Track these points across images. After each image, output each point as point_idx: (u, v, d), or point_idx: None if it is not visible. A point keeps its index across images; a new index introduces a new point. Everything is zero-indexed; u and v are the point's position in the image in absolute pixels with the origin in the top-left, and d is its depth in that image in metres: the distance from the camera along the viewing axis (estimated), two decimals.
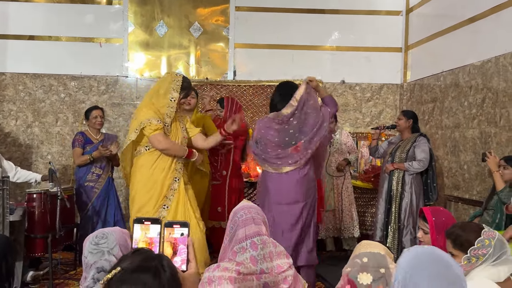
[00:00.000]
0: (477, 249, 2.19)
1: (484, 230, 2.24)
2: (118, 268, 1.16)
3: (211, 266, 2.22)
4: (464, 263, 2.19)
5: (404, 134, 4.73)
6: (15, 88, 6.02)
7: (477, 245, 2.19)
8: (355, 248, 2.33)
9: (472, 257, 2.20)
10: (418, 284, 1.29)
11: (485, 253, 2.17)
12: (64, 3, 6.11)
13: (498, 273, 2.16)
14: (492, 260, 2.16)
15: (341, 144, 5.13)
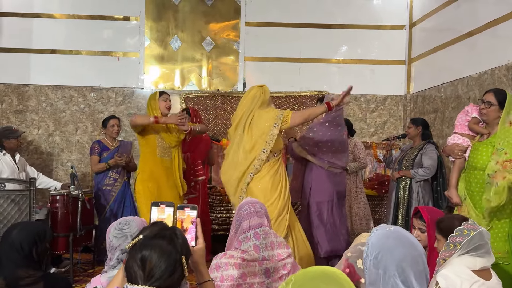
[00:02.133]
0: (455, 237, 2.38)
1: (466, 222, 2.43)
2: (140, 236, 1.44)
3: (218, 254, 2.49)
4: (444, 249, 2.40)
5: (415, 141, 4.75)
6: (38, 99, 6.38)
7: (455, 233, 2.38)
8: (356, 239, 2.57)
9: (450, 244, 2.39)
10: (387, 263, 1.50)
11: (461, 241, 2.34)
12: (85, 19, 6.47)
13: (475, 263, 2.33)
14: (468, 249, 2.33)
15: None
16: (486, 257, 2.35)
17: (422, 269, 1.50)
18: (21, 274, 2.08)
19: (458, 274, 2.27)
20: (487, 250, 2.37)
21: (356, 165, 5.16)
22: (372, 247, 1.54)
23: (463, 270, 2.29)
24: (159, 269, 1.37)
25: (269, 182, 3.70)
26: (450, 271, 2.28)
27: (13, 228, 2.21)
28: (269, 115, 3.77)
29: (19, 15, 6.38)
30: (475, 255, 2.34)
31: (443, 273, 2.30)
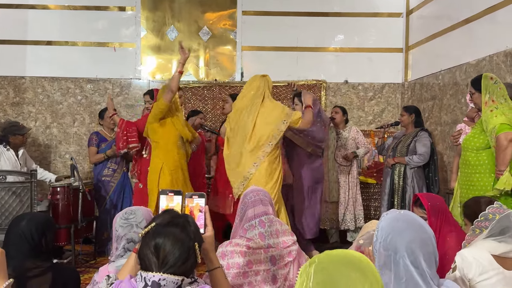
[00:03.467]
0: (480, 222, 2.36)
1: (492, 205, 2.39)
2: (152, 224, 1.45)
3: (224, 242, 2.50)
4: (469, 233, 2.39)
5: (408, 129, 4.89)
6: (34, 91, 6.34)
7: (480, 218, 2.36)
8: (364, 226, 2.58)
9: (476, 229, 2.38)
10: (397, 244, 1.52)
11: (487, 226, 2.31)
12: (80, 10, 6.42)
13: (497, 247, 2.28)
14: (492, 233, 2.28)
15: (348, 139, 5.24)
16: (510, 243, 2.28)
17: (432, 251, 1.52)
18: (29, 265, 2.08)
19: (476, 257, 2.25)
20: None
21: (363, 150, 5.25)
22: (382, 230, 1.56)
23: (483, 254, 2.26)
24: (173, 256, 1.38)
25: (267, 169, 3.81)
26: (469, 252, 2.27)
27: (20, 219, 2.21)
28: (278, 111, 3.90)
29: (13, 6, 6.31)
30: (499, 239, 2.29)
31: (462, 253, 2.28)
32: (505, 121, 3.21)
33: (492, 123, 3.28)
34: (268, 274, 2.39)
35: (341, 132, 5.31)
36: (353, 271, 1.15)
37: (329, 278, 1.15)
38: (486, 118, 3.37)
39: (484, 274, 2.21)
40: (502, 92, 3.40)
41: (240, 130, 3.88)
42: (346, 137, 5.29)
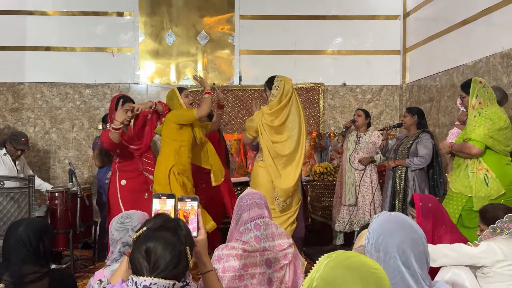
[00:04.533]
0: (504, 222, 2.45)
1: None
2: (144, 228, 1.45)
3: (220, 246, 2.50)
4: (489, 231, 2.49)
5: (411, 130, 4.81)
6: (33, 97, 6.36)
7: (505, 219, 2.45)
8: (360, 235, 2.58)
9: (497, 228, 2.47)
10: (388, 245, 1.52)
11: (510, 227, 2.41)
12: (78, 16, 6.45)
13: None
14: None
15: (368, 143, 5.12)
16: None
17: (423, 251, 1.52)
18: (26, 270, 2.08)
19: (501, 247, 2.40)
20: None
21: (382, 157, 5.10)
22: (373, 232, 1.56)
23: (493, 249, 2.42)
24: (164, 261, 1.38)
25: None
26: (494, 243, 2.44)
27: (17, 225, 2.22)
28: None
29: (12, 12, 6.34)
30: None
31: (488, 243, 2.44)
32: (479, 137, 3.44)
33: (469, 131, 3.53)
34: (264, 277, 2.39)
35: (361, 135, 5.16)
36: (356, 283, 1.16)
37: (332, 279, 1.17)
38: (469, 122, 3.61)
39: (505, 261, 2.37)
40: (489, 95, 3.57)
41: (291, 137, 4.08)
42: (367, 141, 5.13)
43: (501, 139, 3.47)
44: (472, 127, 3.52)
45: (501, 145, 3.49)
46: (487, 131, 3.43)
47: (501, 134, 3.46)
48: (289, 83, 4.01)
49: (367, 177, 5.07)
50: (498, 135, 3.46)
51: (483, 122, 3.47)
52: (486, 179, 3.46)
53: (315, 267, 1.23)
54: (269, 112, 3.95)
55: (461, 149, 3.60)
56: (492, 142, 3.46)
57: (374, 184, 5.08)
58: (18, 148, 4.86)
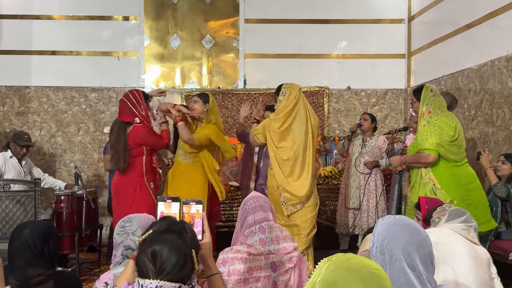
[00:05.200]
0: (438, 212, 2.67)
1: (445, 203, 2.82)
2: (150, 231, 1.46)
3: (225, 249, 2.50)
4: (431, 225, 2.67)
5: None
6: (39, 101, 6.40)
7: (439, 210, 2.69)
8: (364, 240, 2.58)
9: (435, 219, 2.66)
10: (393, 248, 1.52)
11: (444, 214, 2.62)
12: (84, 20, 6.49)
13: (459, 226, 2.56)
14: (450, 218, 2.60)
15: (374, 148, 5.09)
16: (470, 223, 2.58)
17: (428, 253, 1.52)
18: (31, 273, 2.09)
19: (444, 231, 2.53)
20: (467, 217, 2.59)
21: (387, 161, 5.03)
22: (378, 235, 1.56)
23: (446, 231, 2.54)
24: (170, 263, 1.39)
25: None
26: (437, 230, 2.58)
27: (22, 228, 2.23)
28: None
29: (18, 17, 6.40)
30: (457, 221, 2.58)
31: (431, 230, 2.53)
32: (432, 146, 3.51)
33: (422, 140, 3.58)
34: (269, 281, 2.39)
35: (367, 139, 5.15)
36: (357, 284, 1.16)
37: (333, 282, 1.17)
38: (419, 131, 3.68)
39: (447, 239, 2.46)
40: (439, 104, 3.65)
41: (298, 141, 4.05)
42: (372, 145, 5.11)
43: (454, 150, 3.57)
44: (424, 136, 3.57)
45: (453, 154, 3.57)
46: (439, 140, 3.50)
47: (451, 145, 3.55)
48: (296, 89, 3.97)
49: (372, 181, 5.04)
50: (449, 146, 3.54)
51: (433, 131, 3.53)
52: (434, 189, 3.56)
53: (316, 271, 1.23)
54: (275, 118, 3.92)
55: (417, 160, 3.62)
56: (444, 151, 3.54)
57: (379, 188, 5.05)
58: (22, 145, 4.91)
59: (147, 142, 4.11)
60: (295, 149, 3.89)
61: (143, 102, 4.17)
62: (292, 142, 3.90)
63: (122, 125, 4.09)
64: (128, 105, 4.12)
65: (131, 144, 4.05)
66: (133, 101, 4.14)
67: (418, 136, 3.65)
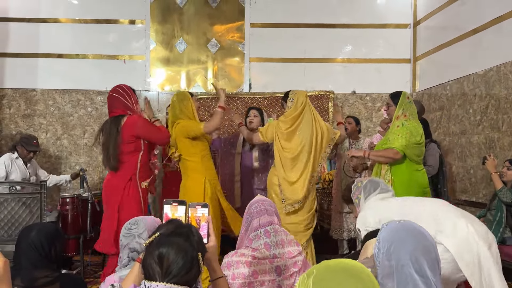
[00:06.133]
0: (354, 194, 2.91)
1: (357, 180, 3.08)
2: (157, 233, 1.47)
3: (230, 252, 2.51)
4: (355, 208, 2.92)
5: None
6: (45, 103, 6.43)
7: (353, 190, 2.93)
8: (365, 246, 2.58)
9: (355, 200, 2.91)
10: (400, 254, 1.51)
11: (360, 192, 2.84)
12: (90, 23, 6.53)
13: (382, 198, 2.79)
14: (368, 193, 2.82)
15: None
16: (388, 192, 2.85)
17: (434, 257, 1.51)
18: (37, 275, 2.10)
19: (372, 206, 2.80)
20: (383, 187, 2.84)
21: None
22: (384, 240, 1.55)
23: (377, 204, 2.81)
24: (177, 266, 1.39)
25: None
26: (365, 211, 2.80)
27: (29, 230, 2.24)
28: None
29: (25, 20, 6.44)
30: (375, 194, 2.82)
31: (360, 215, 2.78)
32: (401, 146, 3.80)
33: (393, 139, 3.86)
34: (274, 285, 2.39)
35: (354, 142, 5.25)
36: (351, 280, 1.16)
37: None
38: (392, 130, 3.97)
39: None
40: (413, 111, 3.99)
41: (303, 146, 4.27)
42: (359, 148, 5.18)
43: (416, 152, 3.89)
44: (396, 135, 3.85)
45: (416, 156, 3.90)
46: (407, 142, 3.80)
47: (416, 148, 3.87)
48: (303, 95, 4.24)
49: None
50: (413, 149, 3.85)
51: (404, 133, 3.82)
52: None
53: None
54: (284, 120, 4.19)
55: (385, 154, 3.90)
56: (410, 153, 3.84)
57: None
58: (30, 150, 4.93)
59: (146, 133, 3.78)
60: (298, 151, 4.13)
61: (133, 96, 3.93)
62: (296, 144, 4.14)
63: (113, 120, 3.78)
64: (120, 98, 3.82)
65: (127, 138, 3.71)
66: (124, 95, 3.85)
67: (390, 134, 3.93)
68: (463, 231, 2.55)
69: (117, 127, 3.73)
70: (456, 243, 2.52)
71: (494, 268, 2.48)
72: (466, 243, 2.53)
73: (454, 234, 2.54)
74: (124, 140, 3.73)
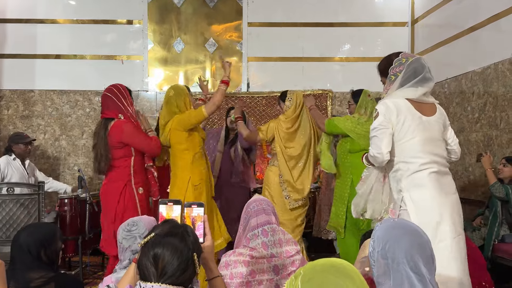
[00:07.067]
0: (394, 68, 2.55)
1: (404, 52, 2.64)
2: (152, 234, 1.46)
3: (227, 252, 2.51)
4: (387, 83, 2.62)
5: None
6: (43, 104, 6.43)
7: (394, 64, 2.56)
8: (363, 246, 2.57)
9: (391, 76, 2.56)
10: (395, 252, 1.52)
11: (401, 70, 2.51)
12: (88, 24, 6.52)
13: (415, 92, 2.51)
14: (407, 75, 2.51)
15: None
16: (426, 83, 2.54)
17: (429, 255, 1.52)
18: (32, 276, 2.09)
19: (395, 103, 2.47)
20: (425, 74, 2.54)
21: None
22: (379, 239, 1.56)
23: (402, 101, 2.49)
24: (172, 267, 1.39)
25: None
26: (389, 100, 2.50)
27: (21, 232, 2.24)
28: None
29: (23, 21, 6.43)
30: (415, 82, 2.52)
31: (383, 101, 2.51)
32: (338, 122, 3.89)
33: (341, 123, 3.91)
34: (271, 284, 2.39)
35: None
36: (340, 278, 1.16)
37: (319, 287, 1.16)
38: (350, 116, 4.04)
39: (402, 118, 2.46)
40: (372, 109, 3.89)
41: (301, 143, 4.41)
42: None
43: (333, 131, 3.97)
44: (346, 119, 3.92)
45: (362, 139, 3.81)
46: (338, 122, 3.89)
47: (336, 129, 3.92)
48: (300, 96, 4.39)
49: None
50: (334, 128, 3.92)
51: (354, 122, 3.86)
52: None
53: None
54: (285, 120, 4.31)
55: (320, 118, 4.10)
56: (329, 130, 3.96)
57: None
58: (26, 142, 4.92)
59: (132, 140, 3.58)
60: (301, 150, 4.30)
61: (129, 97, 3.76)
62: (298, 144, 4.31)
63: (104, 123, 3.65)
64: (113, 99, 3.65)
65: (113, 143, 3.56)
66: (118, 95, 3.69)
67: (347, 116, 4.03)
68: None
69: (105, 131, 3.61)
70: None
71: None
72: None
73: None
74: (112, 145, 3.59)
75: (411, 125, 2.47)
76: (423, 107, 2.54)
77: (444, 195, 2.42)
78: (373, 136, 2.54)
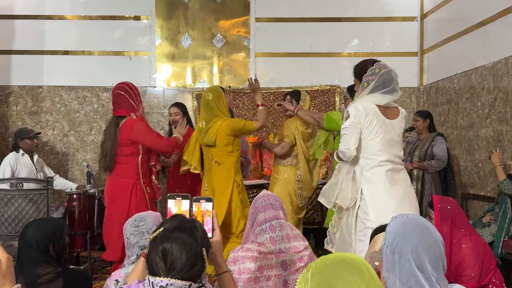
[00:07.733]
0: (367, 76, 2.85)
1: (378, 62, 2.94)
2: (161, 229, 1.46)
3: (235, 247, 2.50)
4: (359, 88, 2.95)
5: (422, 134, 4.94)
6: (52, 100, 6.45)
7: (368, 72, 2.87)
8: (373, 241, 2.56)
9: (364, 83, 2.87)
10: (403, 248, 1.50)
11: (374, 79, 2.81)
12: (96, 20, 6.53)
13: (382, 99, 2.84)
14: (376, 85, 2.81)
15: None
16: (392, 94, 2.86)
17: (439, 255, 1.50)
18: (39, 271, 2.09)
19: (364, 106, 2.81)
20: (393, 87, 2.85)
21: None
22: (390, 233, 1.55)
23: (370, 105, 2.83)
24: (181, 261, 1.39)
25: None
26: (360, 104, 2.84)
27: (29, 226, 2.24)
28: None
29: (31, 17, 6.45)
30: (383, 92, 2.83)
31: (354, 104, 2.84)
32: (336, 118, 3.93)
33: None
34: (280, 279, 2.38)
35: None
36: (349, 272, 1.15)
37: (326, 281, 1.15)
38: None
39: (369, 119, 2.81)
40: None
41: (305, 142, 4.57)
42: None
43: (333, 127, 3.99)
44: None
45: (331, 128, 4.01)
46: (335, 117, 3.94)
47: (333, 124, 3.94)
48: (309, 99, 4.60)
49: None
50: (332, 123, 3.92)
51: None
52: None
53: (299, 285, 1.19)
54: (302, 122, 4.40)
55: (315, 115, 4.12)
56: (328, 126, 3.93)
57: None
58: (32, 136, 4.93)
59: (142, 138, 3.65)
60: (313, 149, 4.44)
61: (138, 96, 3.82)
62: (310, 143, 4.48)
63: (115, 121, 3.72)
64: (126, 97, 3.71)
65: (123, 141, 3.63)
66: (131, 94, 3.75)
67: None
68: None
69: (116, 128, 3.68)
70: None
71: None
72: None
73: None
74: (121, 143, 3.66)
75: (376, 126, 2.83)
76: (388, 111, 2.89)
77: (395, 188, 2.84)
78: (344, 134, 2.86)
